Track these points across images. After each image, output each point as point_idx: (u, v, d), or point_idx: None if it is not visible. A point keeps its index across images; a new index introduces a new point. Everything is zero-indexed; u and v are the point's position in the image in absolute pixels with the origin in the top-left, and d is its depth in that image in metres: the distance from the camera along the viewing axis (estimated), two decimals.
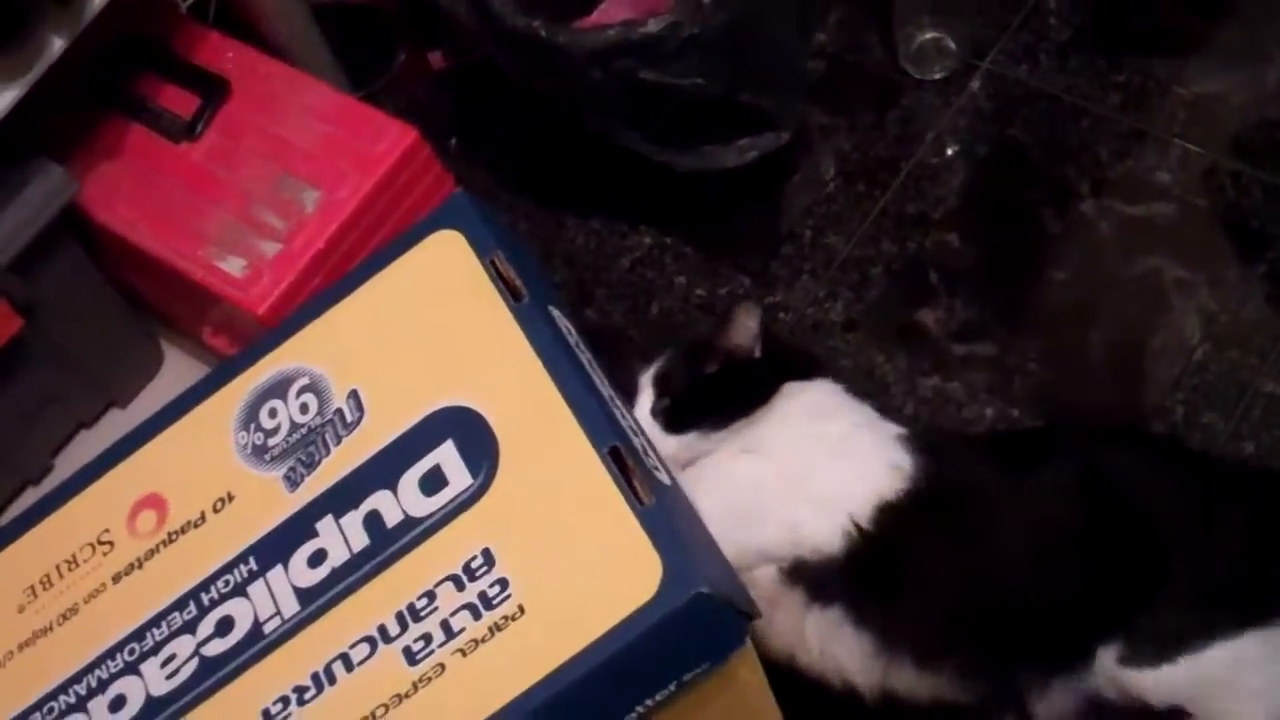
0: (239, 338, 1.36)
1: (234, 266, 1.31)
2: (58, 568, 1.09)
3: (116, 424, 1.47)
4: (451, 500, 0.99)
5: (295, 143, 1.36)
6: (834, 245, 1.54)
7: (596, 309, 1.56)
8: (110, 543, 1.08)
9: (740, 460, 1.18)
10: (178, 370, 1.50)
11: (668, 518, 0.95)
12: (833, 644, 1.15)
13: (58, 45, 1.21)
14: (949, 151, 1.58)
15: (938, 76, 1.62)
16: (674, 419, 1.18)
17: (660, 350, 1.23)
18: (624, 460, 0.97)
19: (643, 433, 1.06)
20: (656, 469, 1.01)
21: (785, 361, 1.22)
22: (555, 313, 1.08)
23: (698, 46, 1.36)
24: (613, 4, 1.60)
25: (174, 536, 1.06)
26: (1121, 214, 1.50)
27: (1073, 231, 1.50)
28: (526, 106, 1.62)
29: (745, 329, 1.19)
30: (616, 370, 1.12)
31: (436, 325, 1.07)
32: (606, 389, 1.05)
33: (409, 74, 1.71)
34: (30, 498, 1.42)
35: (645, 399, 1.19)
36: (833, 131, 1.62)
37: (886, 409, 1.26)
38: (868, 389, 1.33)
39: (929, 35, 1.62)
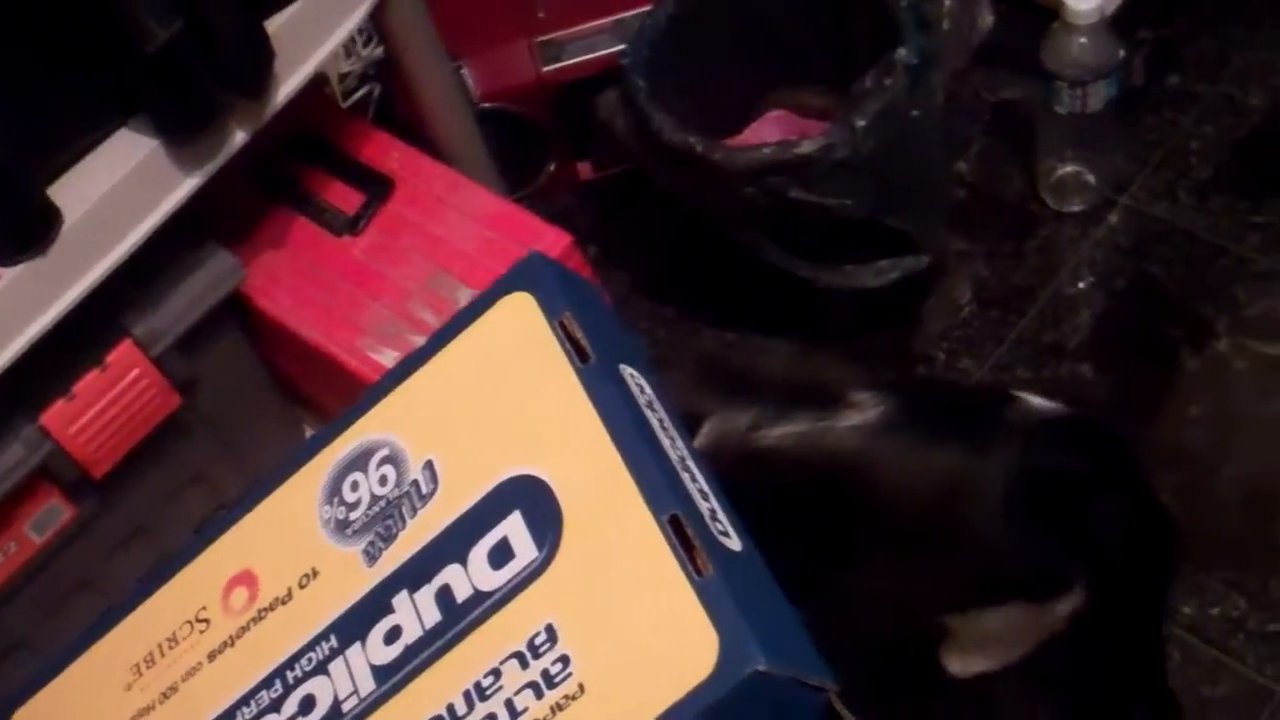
0: None
1: (387, 358, 1.34)
2: (160, 646, 1.11)
3: None
4: (518, 574, 0.98)
5: (453, 242, 1.40)
6: (968, 369, 1.56)
7: None
8: (207, 620, 1.09)
9: None
10: None
11: (728, 589, 0.91)
12: None
13: (240, 137, 1.26)
14: (1085, 283, 1.60)
15: (1077, 209, 1.64)
16: None
17: None
18: (683, 529, 0.94)
19: (715, 495, 1.02)
20: (725, 535, 0.98)
21: None
22: (629, 372, 1.06)
23: (848, 169, 1.39)
24: (762, 125, 1.64)
25: (263, 614, 1.07)
26: (1257, 353, 1.50)
27: (1208, 369, 1.51)
28: (667, 219, 1.66)
29: None
30: None
31: (506, 391, 1.06)
32: (679, 450, 1.02)
33: (558, 182, 1.76)
34: None
35: None
36: (970, 258, 1.64)
37: None
38: None
39: (1069, 169, 1.64)
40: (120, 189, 1.21)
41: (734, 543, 0.98)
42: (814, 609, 1.00)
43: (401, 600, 1.02)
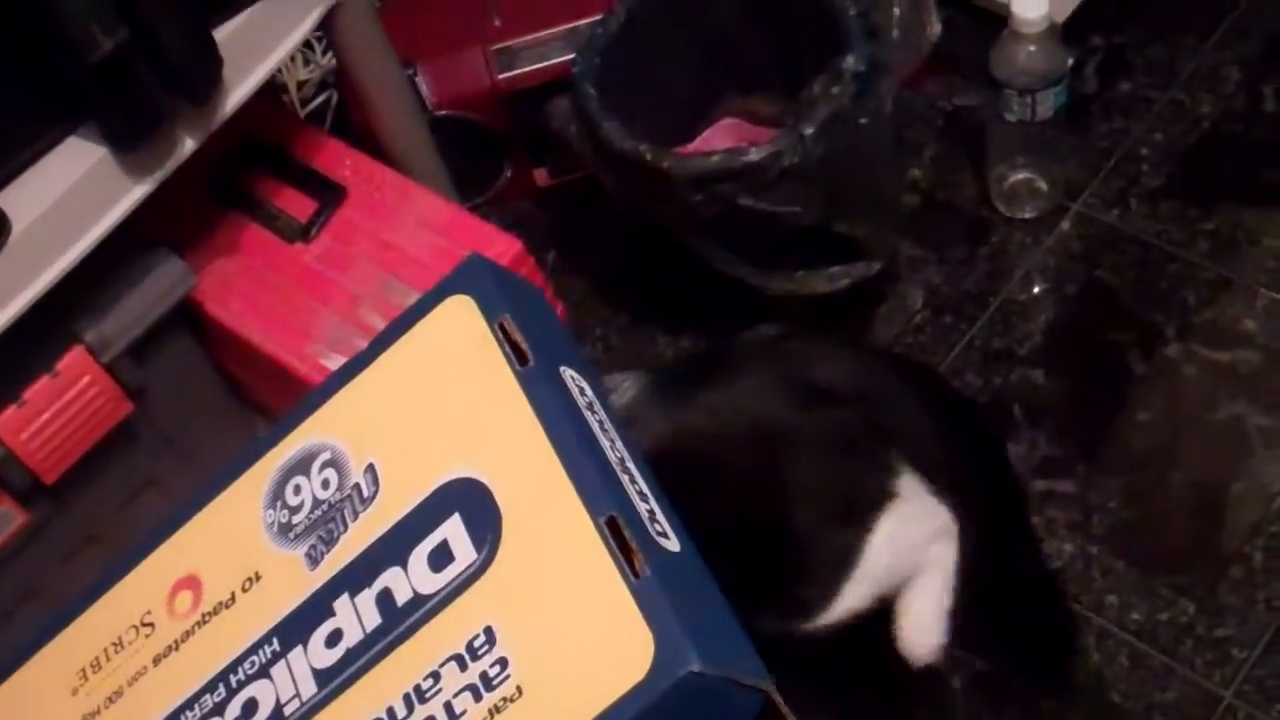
0: None
1: (337, 364, 1.33)
2: (106, 650, 1.11)
3: None
4: (457, 576, 0.98)
5: (404, 249, 1.40)
6: None
7: None
8: (152, 624, 1.10)
9: None
10: None
11: (663, 590, 0.92)
12: None
13: (189, 145, 1.26)
14: (1037, 289, 1.61)
15: (1029, 216, 1.65)
16: None
17: None
18: (620, 530, 0.94)
19: (655, 496, 1.03)
20: (664, 536, 0.98)
21: None
22: (570, 374, 1.06)
23: (796, 176, 1.39)
24: (714, 133, 1.65)
25: (207, 617, 1.08)
26: (1206, 359, 1.52)
27: (1157, 374, 1.52)
28: (623, 226, 1.66)
29: None
30: None
31: (446, 393, 1.07)
32: (619, 452, 1.03)
33: (514, 189, 1.76)
34: None
35: None
36: (922, 264, 1.65)
37: None
38: None
39: (1021, 176, 1.65)
40: (69, 196, 1.21)
41: (672, 544, 0.98)
42: None
43: (343, 604, 1.02)
